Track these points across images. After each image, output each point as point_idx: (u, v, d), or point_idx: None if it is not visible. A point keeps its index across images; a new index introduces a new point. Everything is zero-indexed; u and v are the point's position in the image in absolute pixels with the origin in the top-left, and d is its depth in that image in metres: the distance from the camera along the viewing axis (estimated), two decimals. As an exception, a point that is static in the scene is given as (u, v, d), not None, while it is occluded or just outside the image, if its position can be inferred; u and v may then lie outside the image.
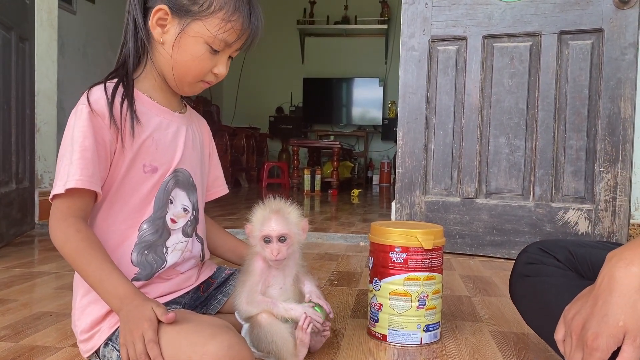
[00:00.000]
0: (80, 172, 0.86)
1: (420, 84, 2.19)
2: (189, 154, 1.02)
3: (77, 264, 0.86)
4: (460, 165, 2.16)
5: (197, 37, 0.93)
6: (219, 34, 0.92)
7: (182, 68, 0.95)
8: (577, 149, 2.01)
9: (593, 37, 1.99)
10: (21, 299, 1.40)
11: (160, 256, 0.97)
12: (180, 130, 1.01)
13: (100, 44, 4.47)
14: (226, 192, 1.20)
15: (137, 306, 0.83)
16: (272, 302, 0.96)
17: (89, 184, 0.86)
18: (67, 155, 0.87)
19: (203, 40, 0.93)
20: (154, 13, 0.93)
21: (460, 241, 2.16)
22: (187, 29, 0.92)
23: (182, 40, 0.93)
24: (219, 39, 0.93)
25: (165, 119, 0.99)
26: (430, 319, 1.11)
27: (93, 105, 0.89)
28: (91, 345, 0.91)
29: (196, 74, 0.96)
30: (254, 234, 0.98)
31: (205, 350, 0.78)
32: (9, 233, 2.21)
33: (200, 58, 0.94)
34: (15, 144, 2.26)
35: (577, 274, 0.98)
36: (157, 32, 0.94)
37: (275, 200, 1.00)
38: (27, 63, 2.43)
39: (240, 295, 0.97)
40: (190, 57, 0.94)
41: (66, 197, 0.86)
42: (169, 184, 0.98)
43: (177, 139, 1.00)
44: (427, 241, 1.08)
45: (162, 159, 0.96)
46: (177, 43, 0.93)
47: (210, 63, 0.96)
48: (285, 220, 0.97)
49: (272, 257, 0.95)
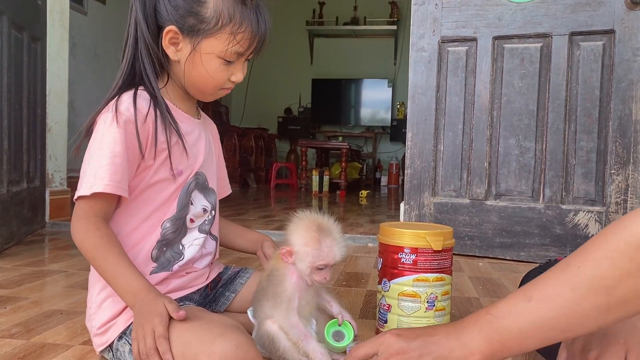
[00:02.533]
0: (109, 177, 0.88)
1: (430, 85, 2.19)
2: (207, 158, 1.05)
3: (94, 260, 0.89)
4: (469, 167, 2.15)
5: (210, 53, 0.94)
6: (230, 47, 0.93)
7: (200, 83, 0.98)
8: (587, 151, 2.00)
9: (604, 38, 1.97)
10: (32, 297, 1.41)
11: (177, 252, 1.00)
12: (200, 136, 1.05)
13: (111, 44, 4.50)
14: (230, 192, 1.23)
15: (149, 302, 0.84)
16: (305, 336, 0.90)
17: (116, 189, 0.89)
18: (95, 158, 0.89)
19: (215, 55, 0.94)
20: (165, 34, 0.94)
21: (470, 243, 2.15)
22: (199, 47, 0.94)
23: (195, 58, 0.95)
24: (230, 52, 0.94)
25: (189, 126, 1.02)
26: (440, 320, 1.11)
27: (125, 112, 0.91)
28: (106, 339, 0.93)
29: (214, 85, 0.98)
30: (303, 259, 0.89)
31: (214, 349, 0.78)
32: (20, 232, 2.23)
33: (216, 72, 0.96)
34: (26, 143, 2.28)
35: None
36: (172, 51, 0.96)
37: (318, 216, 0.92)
38: (39, 63, 2.45)
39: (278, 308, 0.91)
40: (205, 73, 0.95)
41: (91, 198, 0.89)
42: (190, 186, 1.01)
43: (198, 145, 1.03)
44: (437, 242, 1.08)
45: (187, 163, 0.99)
46: (190, 61, 0.95)
47: (226, 74, 0.97)
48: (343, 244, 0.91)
49: (323, 282, 0.91)
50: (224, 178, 1.20)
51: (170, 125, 0.95)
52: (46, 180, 2.65)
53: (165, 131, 0.95)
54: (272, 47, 4.39)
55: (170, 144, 0.95)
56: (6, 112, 2.04)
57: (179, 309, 0.84)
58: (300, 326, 0.91)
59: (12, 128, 2.11)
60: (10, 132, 2.08)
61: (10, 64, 2.07)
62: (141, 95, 0.95)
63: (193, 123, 1.04)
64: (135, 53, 0.97)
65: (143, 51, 0.96)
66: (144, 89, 0.96)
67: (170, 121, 0.95)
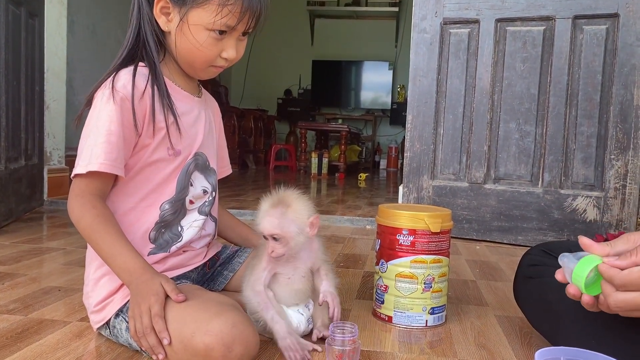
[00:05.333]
0: (104, 155, 0.87)
1: (431, 67, 2.17)
2: (207, 138, 1.04)
3: (91, 238, 0.89)
4: (469, 150, 2.14)
5: (197, 24, 0.92)
6: (217, 19, 0.90)
7: (190, 55, 0.95)
8: (588, 136, 1.99)
9: (608, 22, 1.95)
10: (30, 274, 1.42)
11: (175, 233, 1.00)
12: (200, 115, 1.03)
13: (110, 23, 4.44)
14: (230, 173, 1.22)
15: (146, 280, 0.85)
16: (265, 304, 0.92)
17: (112, 168, 0.88)
18: (91, 136, 0.89)
19: (203, 27, 0.91)
20: (156, 3, 0.93)
21: (467, 226, 2.15)
22: (187, 18, 0.92)
23: (184, 29, 0.93)
24: (218, 24, 0.91)
25: (188, 104, 1.01)
26: (436, 301, 1.11)
27: (121, 89, 0.90)
28: (102, 316, 0.94)
29: (203, 60, 0.95)
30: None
31: (210, 327, 0.78)
32: (18, 209, 2.23)
33: (205, 45, 0.93)
34: (24, 121, 2.27)
35: None
36: (162, 21, 0.95)
37: (281, 191, 0.94)
38: (37, 39, 2.42)
39: (247, 280, 0.96)
40: (194, 45, 0.93)
41: (87, 176, 0.89)
42: (190, 167, 1.00)
43: (197, 124, 1.02)
44: (435, 224, 1.08)
45: (185, 143, 0.98)
46: (179, 32, 0.93)
47: (216, 49, 0.94)
48: (280, 219, 0.91)
49: (268, 254, 0.93)
50: (225, 158, 1.19)
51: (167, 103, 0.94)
52: (44, 158, 2.64)
53: (162, 109, 0.94)
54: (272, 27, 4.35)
55: (168, 123, 0.94)
56: (4, 89, 2.02)
57: (177, 290, 0.84)
58: (263, 295, 0.93)
59: (10, 105, 2.09)
60: (8, 109, 2.06)
61: (8, 39, 2.05)
62: (140, 72, 0.93)
63: (192, 101, 1.02)
64: (140, 23, 0.96)
65: (144, 20, 0.95)
66: (144, 65, 0.95)
67: (166, 99, 0.94)
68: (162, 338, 0.81)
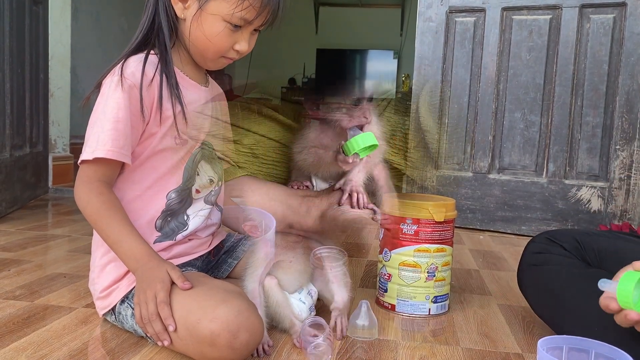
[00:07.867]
0: (111, 142, 0.87)
1: (436, 56, 2.16)
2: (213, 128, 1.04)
3: (97, 224, 0.89)
4: (473, 140, 2.14)
5: (215, 14, 0.91)
6: (237, 12, 0.90)
7: (202, 45, 0.95)
8: (593, 126, 1.98)
9: (615, 11, 1.94)
10: (35, 260, 1.43)
11: (181, 222, 1.00)
12: (207, 104, 1.03)
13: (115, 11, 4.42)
14: None
15: (151, 267, 0.85)
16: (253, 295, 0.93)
17: (119, 155, 0.89)
18: (98, 123, 0.89)
19: (221, 17, 0.91)
20: None
21: (471, 216, 2.15)
22: (205, 7, 0.91)
23: (202, 17, 0.92)
24: (237, 17, 0.91)
25: (196, 94, 1.00)
26: (439, 290, 1.12)
27: (130, 77, 0.90)
28: (108, 302, 0.94)
29: (216, 50, 0.95)
30: None
31: (215, 315, 0.79)
32: (23, 196, 2.24)
33: (220, 35, 0.93)
34: (29, 108, 2.27)
35: (583, 261, 0.98)
36: (179, 8, 0.94)
37: None
38: (41, 27, 2.42)
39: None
40: (209, 34, 0.93)
41: (93, 163, 0.89)
42: (196, 156, 1.00)
43: (204, 113, 1.02)
44: (439, 213, 1.08)
45: (192, 132, 0.98)
46: (195, 20, 0.93)
47: (230, 40, 0.94)
48: None
49: None
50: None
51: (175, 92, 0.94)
52: (49, 145, 2.64)
53: (170, 98, 0.94)
54: (277, 15, 4.18)
55: (176, 111, 0.94)
56: (8, 76, 2.02)
57: (183, 277, 0.85)
58: (255, 294, 0.93)
59: (15, 92, 2.10)
60: (12, 96, 2.07)
61: (12, 27, 2.04)
62: (150, 60, 0.93)
63: (200, 91, 1.02)
64: (156, 8, 0.96)
65: (161, 5, 0.95)
66: (154, 53, 0.95)
67: (174, 88, 0.94)
68: (168, 325, 0.81)
